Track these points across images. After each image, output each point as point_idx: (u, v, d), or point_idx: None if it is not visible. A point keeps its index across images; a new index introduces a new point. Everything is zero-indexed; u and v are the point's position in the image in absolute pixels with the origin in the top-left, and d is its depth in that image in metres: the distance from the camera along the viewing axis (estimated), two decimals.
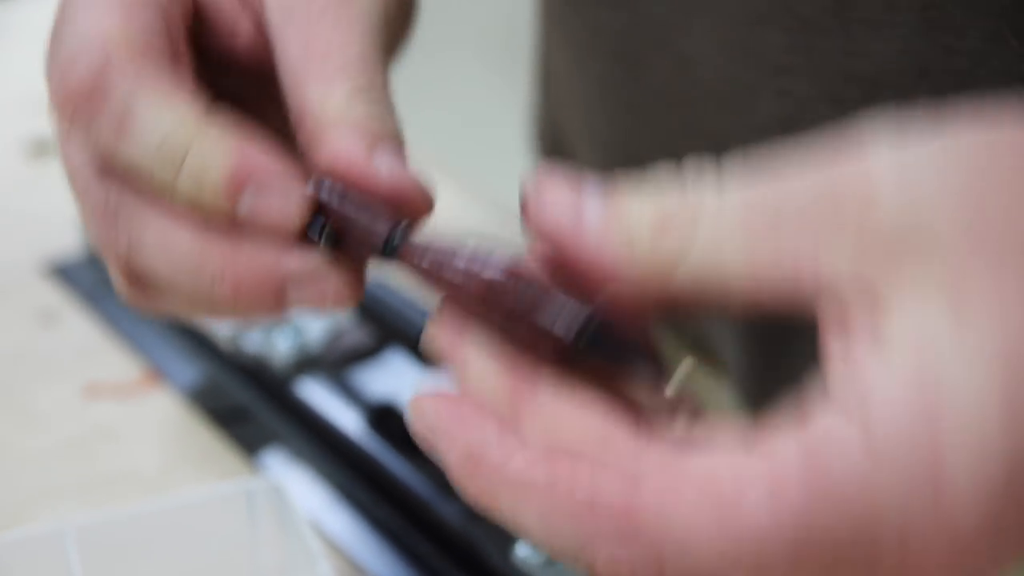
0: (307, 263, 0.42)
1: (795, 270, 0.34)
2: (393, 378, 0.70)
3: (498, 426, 0.37)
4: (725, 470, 0.33)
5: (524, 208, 0.37)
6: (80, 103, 0.42)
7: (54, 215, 0.87)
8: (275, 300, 0.43)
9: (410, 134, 0.48)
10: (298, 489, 0.65)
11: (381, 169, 0.43)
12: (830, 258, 0.34)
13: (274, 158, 0.42)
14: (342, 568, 0.62)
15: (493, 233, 0.88)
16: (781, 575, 0.32)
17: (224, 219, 0.42)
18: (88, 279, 0.81)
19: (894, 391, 0.32)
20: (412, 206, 0.44)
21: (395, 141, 0.44)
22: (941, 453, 0.31)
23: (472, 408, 0.37)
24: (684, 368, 0.37)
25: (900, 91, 0.54)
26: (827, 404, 0.33)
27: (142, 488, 0.67)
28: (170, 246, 0.43)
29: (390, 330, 0.69)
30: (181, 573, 0.56)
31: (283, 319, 0.53)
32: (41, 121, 0.99)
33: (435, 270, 0.40)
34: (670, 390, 0.35)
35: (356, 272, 0.43)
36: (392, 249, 0.41)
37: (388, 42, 0.49)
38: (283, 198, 0.42)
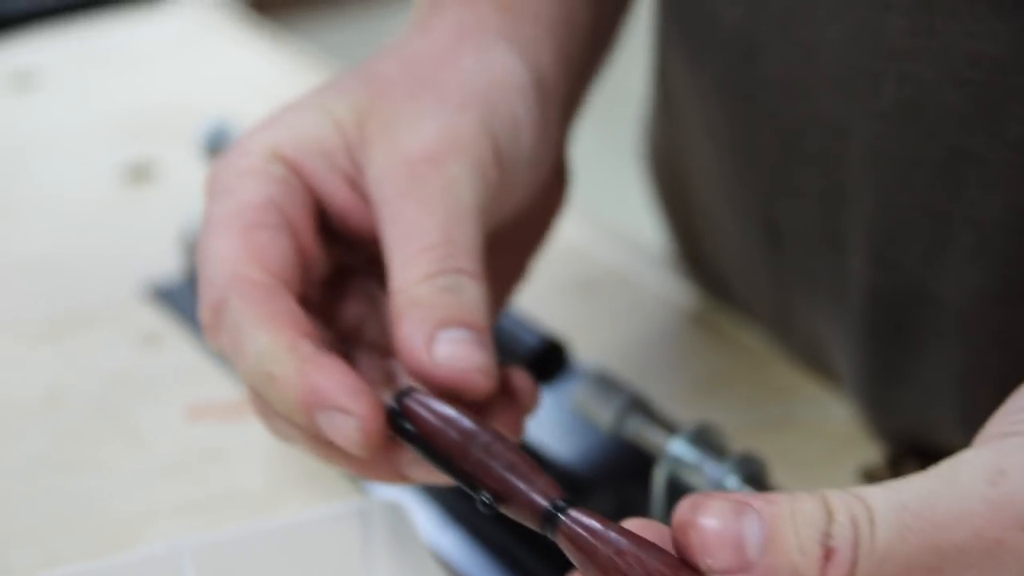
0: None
1: None
2: None
3: None
4: None
5: (681, 528, 0.38)
6: (209, 321, 0.49)
7: (154, 239, 0.87)
8: None
9: None
10: (412, 511, 0.64)
11: (437, 356, 0.47)
12: None
13: (344, 380, 0.45)
14: None
15: (603, 258, 0.87)
16: None
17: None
18: (189, 302, 0.81)
19: None
20: (471, 392, 0.47)
21: (465, 327, 0.47)
22: None
23: None
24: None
25: None
26: None
27: (249, 508, 0.66)
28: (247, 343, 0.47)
29: (505, 350, 0.69)
30: None
31: None
32: (139, 145, 1.00)
33: (600, 562, 0.39)
34: None
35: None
36: (551, 526, 0.42)
37: (493, 203, 0.51)
38: (346, 423, 0.46)
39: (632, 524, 0.41)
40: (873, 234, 0.62)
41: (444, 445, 0.45)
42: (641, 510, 0.61)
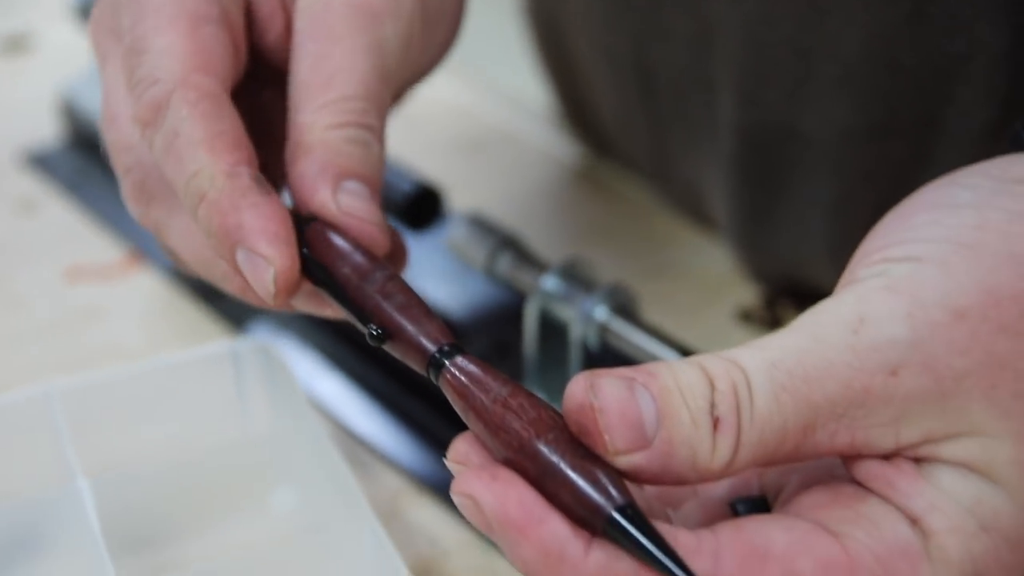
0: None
1: (834, 444, 0.38)
2: None
3: (565, 519, 0.37)
4: (806, 555, 0.37)
5: (580, 411, 0.37)
6: (147, 118, 0.46)
7: (29, 107, 0.86)
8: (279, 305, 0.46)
9: None
10: (286, 354, 0.64)
11: (342, 204, 0.46)
12: (865, 434, 0.38)
13: (273, 227, 0.45)
14: (333, 431, 0.62)
15: (490, 118, 0.87)
16: None
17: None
18: (66, 167, 0.80)
19: (950, 511, 0.37)
20: (370, 245, 0.46)
21: (365, 182, 0.47)
22: (986, 569, 0.37)
23: (534, 498, 0.37)
24: None
25: None
26: (892, 510, 0.38)
27: (129, 362, 0.66)
28: (188, 242, 0.48)
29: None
30: (169, 433, 0.56)
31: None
32: (14, 19, 0.98)
33: (477, 409, 0.39)
34: None
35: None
36: (435, 372, 0.41)
37: (405, 71, 0.50)
38: (264, 271, 0.45)
39: None
40: (740, 73, 0.62)
41: (340, 277, 0.45)
42: (515, 349, 0.62)
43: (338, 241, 0.46)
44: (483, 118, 0.87)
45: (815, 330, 0.38)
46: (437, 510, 0.58)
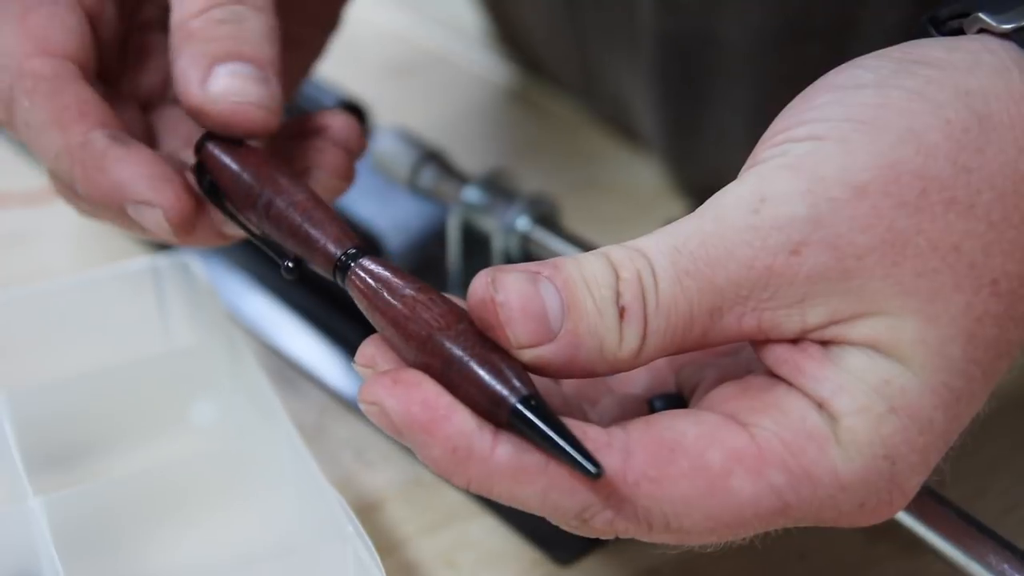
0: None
1: (742, 328, 0.38)
2: None
3: (472, 414, 0.36)
4: (716, 446, 0.37)
5: (482, 306, 0.37)
6: (3, 117, 0.47)
7: None
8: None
9: None
10: (209, 273, 0.64)
11: (212, 90, 0.44)
12: (772, 316, 0.37)
13: (145, 171, 0.44)
14: (258, 350, 0.62)
15: (420, 39, 0.87)
16: (755, 529, 0.38)
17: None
18: None
19: (856, 392, 0.37)
20: (250, 128, 0.45)
21: (242, 59, 0.45)
22: (896, 449, 0.37)
23: (439, 396, 0.37)
24: None
25: None
26: (800, 396, 0.38)
27: None
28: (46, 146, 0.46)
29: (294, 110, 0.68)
30: (87, 348, 0.55)
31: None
32: None
33: (382, 307, 0.39)
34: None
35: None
36: (342, 275, 0.40)
37: None
38: (154, 215, 0.44)
39: None
40: None
41: (239, 193, 0.44)
42: (440, 263, 0.62)
43: (227, 155, 0.45)
44: (414, 41, 0.86)
45: (717, 212, 0.38)
46: (362, 426, 0.58)
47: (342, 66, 0.75)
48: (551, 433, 0.36)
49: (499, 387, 0.36)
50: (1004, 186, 0.37)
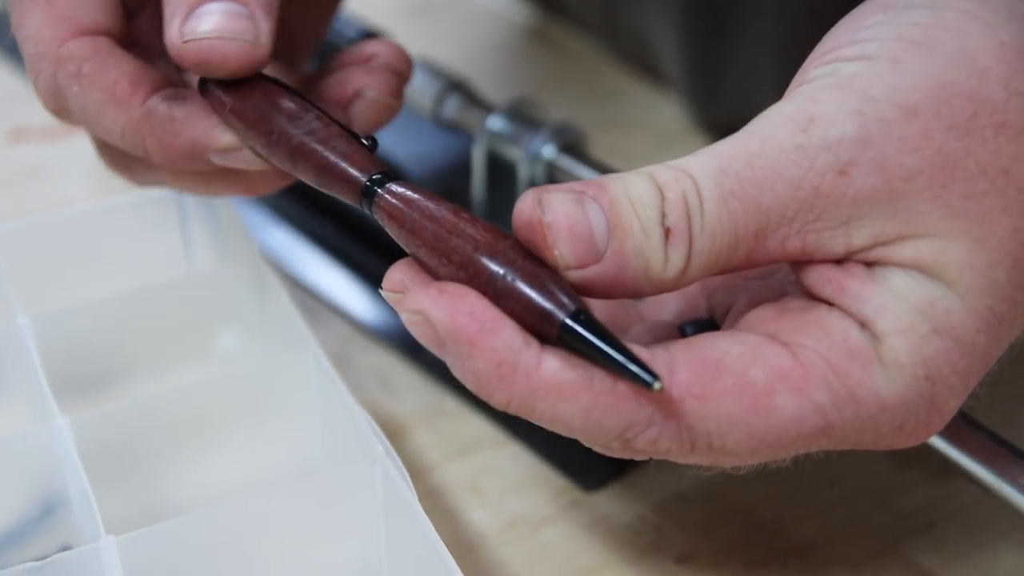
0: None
1: (786, 250, 0.38)
2: None
3: (520, 329, 0.36)
4: (759, 365, 0.37)
5: (529, 227, 0.37)
6: (54, 108, 0.47)
7: None
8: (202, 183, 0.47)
9: None
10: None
11: (185, 33, 0.43)
12: (817, 238, 0.37)
13: (211, 115, 0.44)
14: (282, 281, 0.61)
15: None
16: (796, 450, 0.38)
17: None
18: (6, 31, 0.78)
19: (900, 312, 0.37)
20: (224, 65, 0.43)
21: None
22: (937, 371, 0.37)
23: (486, 308, 0.36)
24: None
25: None
26: (842, 316, 0.37)
27: None
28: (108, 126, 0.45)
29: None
30: (111, 274, 0.55)
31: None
32: None
33: (418, 228, 0.38)
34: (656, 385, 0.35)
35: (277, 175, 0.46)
36: (368, 201, 0.40)
37: None
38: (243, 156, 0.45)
39: None
40: None
41: (260, 126, 0.43)
42: (464, 195, 0.61)
43: (227, 95, 0.44)
44: None
45: (764, 132, 0.37)
46: (386, 355, 0.58)
47: (362, 1, 0.74)
48: (605, 346, 0.35)
49: (548, 303, 0.36)
50: None
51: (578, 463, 0.52)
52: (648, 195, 0.37)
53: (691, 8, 0.64)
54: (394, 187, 0.39)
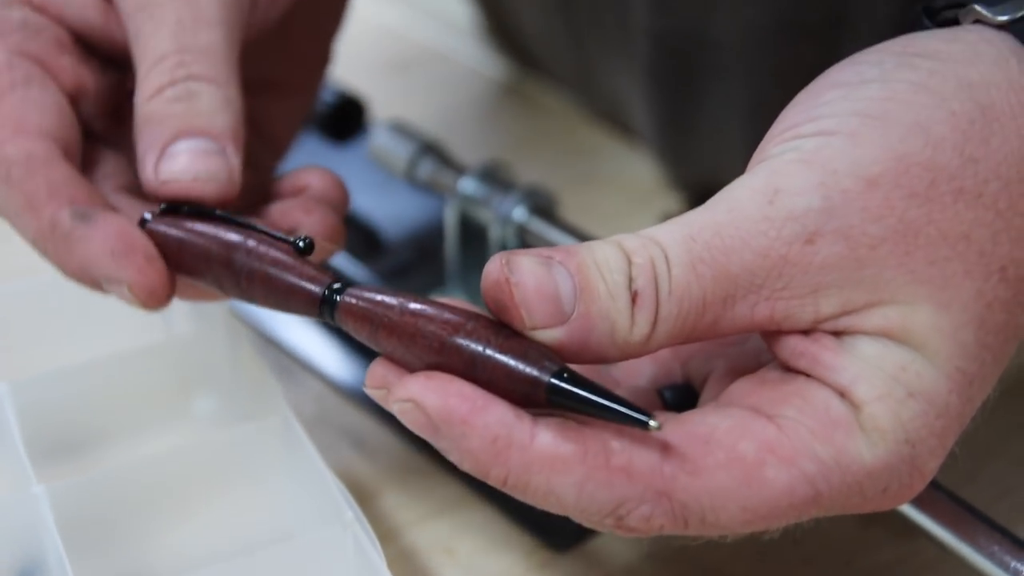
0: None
1: (754, 318, 0.38)
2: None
3: (509, 404, 0.37)
4: (748, 438, 0.37)
5: (497, 287, 0.37)
6: None
7: None
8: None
9: None
10: None
11: (162, 172, 0.45)
12: (785, 306, 0.38)
13: (111, 245, 0.44)
14: (257, 341, 0.62)
15: (416, 36, 0.87)
16: (787, 520, 0.39)
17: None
18: None
19: (875, 380, 0.38)
20: (204, 201, 0.45)
21: (199, 132, 0.45)
22: (916, 433, 0.38)
23: (473, 390, 0.37)
24: None
25: None
26: (820, 387, 0.38)
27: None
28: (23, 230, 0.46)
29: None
30: (88, 338, 0.56)
31: None
32: None
33: (387, 327, 0.38)
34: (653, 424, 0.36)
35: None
36: (329, 310, 0.40)
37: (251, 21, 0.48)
38: (121, 290, 0.45)
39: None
40: None
41: (196, 260, 0.44)
42: (438, 255, 0.62)
43: (171, 228, 0.45)
44: (410, 36, 0.87)
45: (731, 203, 0.38)
46: (360, 415, 0.59)
47: (338, 62, 0.76)
48: (596, 397, 0.36)
49: (530, 368, 0.37)
50: (1009, 175, 0.38)
51: (548, 524, 0.52)
52: (615, 260, 0.37)
53: (660, 70, 0.65)
54: (353, 292, 0.40)
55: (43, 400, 0.51)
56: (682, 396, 0.43)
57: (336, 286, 0.41)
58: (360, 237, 0.65)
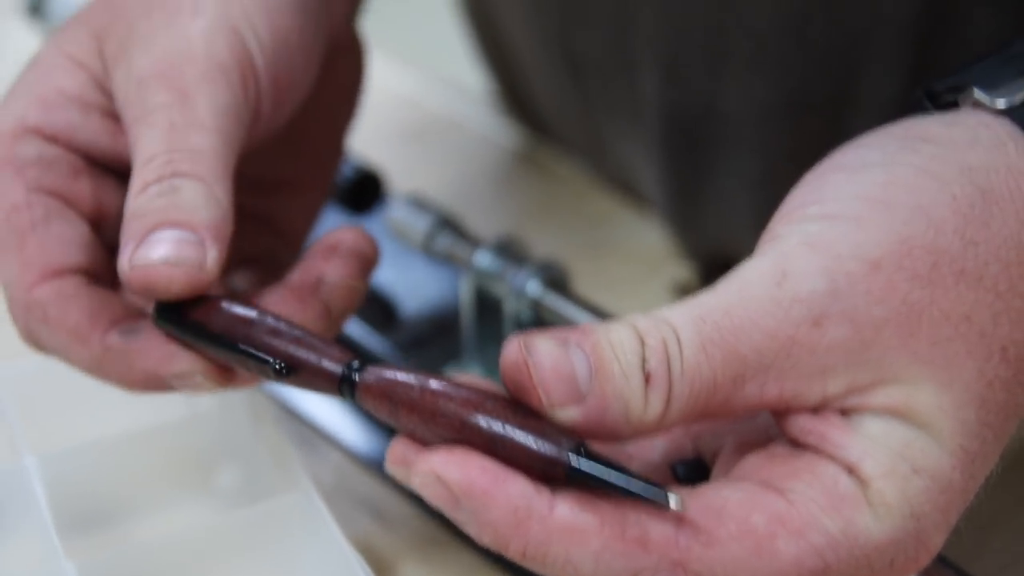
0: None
1: (764, 397, 0.39)
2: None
3: (528, 478, 0.38)
4: (759, 511, 0.38)
5: (515, 368, 0.38)
6: (32, 344, 0.50)
7: None
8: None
9: None
10: None
11: (135, 261, 0.45)
12: (794, 386, 0.39)
13: (154, 367, 0.46)
14: (278, 412, 0.63)
15: (432, 106, 0.89)
16: None
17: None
18: None
19: (882, 457, 0.39)
20: (166, 289, 0.45)
21: (177, 224, 0.45)
22: (921, 508, 0.39)
23: (494, 464, 0.38)
24: None
25: None
26: (829, 462, 0.39)
27: None
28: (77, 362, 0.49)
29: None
30: (114, 412, 0.57)
31: None
32: None
33: (408, 406, 0.40)
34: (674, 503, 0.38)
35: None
36: (349, 389, 0.42)
37: (258, 99, 0.49)
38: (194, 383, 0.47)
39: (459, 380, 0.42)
40: (660, 53, 0.64)
41: (223, 332, 0.45)
42: (454, 326, 0.64)
43: (182, 319, 0.46)
44: (425, 106, 0.89)
45: (740, 286, 0.39)
46: (379, 486, 0.60)
47: (356, 132, 0.77)
48: (614, 477, 0.38)
49: (549, 447, 0.38)
50: (1009, 257, 0.39)
51: None
52: (629, 341, 0.39)
53: (670, 143, 0.67)
54: (372, 370, 0.41)
55: (70, 474, 0.53)
56: (694, 470, 0.44)
57: (355, 365, 0.42)
58: (377, 308, 0.66)
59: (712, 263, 0.73)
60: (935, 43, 0.58)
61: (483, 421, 0.38)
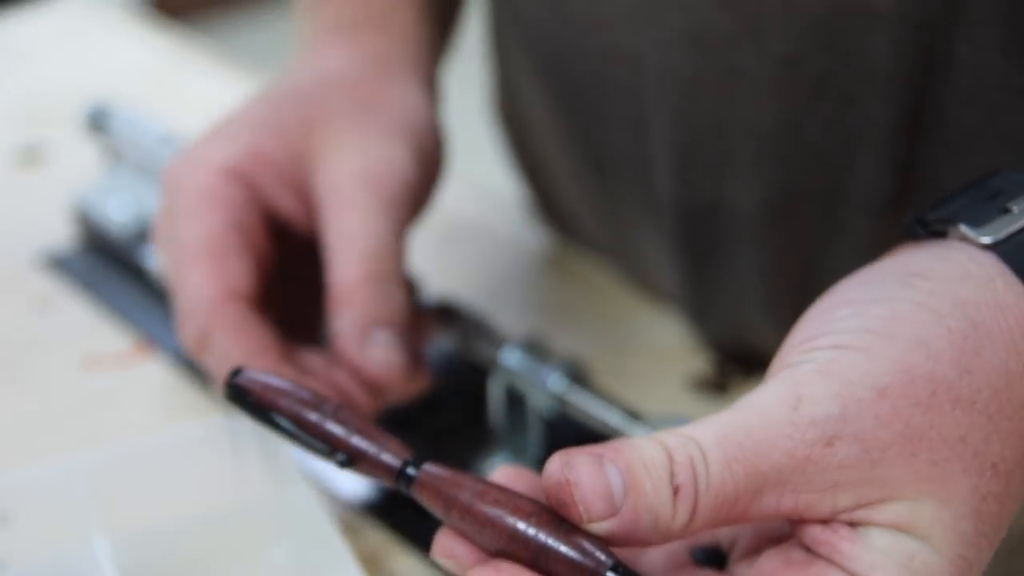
0: None
1: (780, 508, 0.44)
2: None
3: None
4: None
5: (558, 487, 0.43)
6: (195, 347, 0.61)
7: (47, 214, 0.94)
8: None
9: None
10: None
11: (369, 355, 0.59)
12: (807, 499, 0.43)
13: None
14: (321, 494, 0.69)
15: (466, 211, 0.95)
16: None
17: None
18: (80, 267, 0.88)
19: (887, 567, 0.43)
20: (393, 390, 0.60)
21: (392, 324, 0.60)
22: None
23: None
24: None
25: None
26: (839, 571, 0.43)
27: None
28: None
29: None
30: (174, 499, 0.63)
31: None
32: (32, 130, 1.06)
33: (462, 506, 0.44)
34: None
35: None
36: (406, 483, 0.46)
37: (410, 212, 0.63)
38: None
39: (502, 474, 0.47)
40: (673, 155, 0.70)
41: (292, 414, 0.48)
42: (482, 416, 0.69)
43: (276, 381, 0.49)
44: (459, 211, 0.95)
45: (760, 409, 0.44)
46: (417, 562, 0.65)
47: None
48: None
49: (589, 563, 0.43)
50: (998, 383, 0.44)
51: None
52: (659, 459, 0.43)
53: (684, 236, 0.73)
54: (430, 468, 0.46)
55: (139, 555, 0.58)
56: (712, 556, 0.49)
57: (413, 460, 0.46)
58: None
59: (726, 353, 0.78)
60: (919, 142, 0.63)
61: (531, 534, 0.43)
